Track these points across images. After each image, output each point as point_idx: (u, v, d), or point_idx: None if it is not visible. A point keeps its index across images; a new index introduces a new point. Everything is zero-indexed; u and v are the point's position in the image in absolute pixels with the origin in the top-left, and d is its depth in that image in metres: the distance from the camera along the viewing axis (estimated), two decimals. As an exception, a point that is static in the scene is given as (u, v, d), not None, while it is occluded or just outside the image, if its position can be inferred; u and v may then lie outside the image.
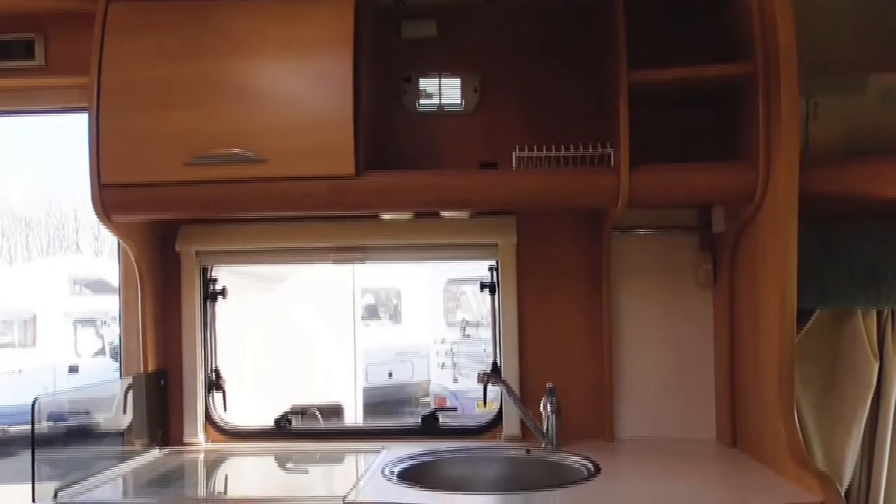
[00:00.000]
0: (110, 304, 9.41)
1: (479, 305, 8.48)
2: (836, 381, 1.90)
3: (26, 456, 1.81)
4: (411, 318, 9.41)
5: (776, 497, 1.63)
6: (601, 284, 2.22)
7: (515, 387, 2.23)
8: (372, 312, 9.13)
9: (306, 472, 2.18)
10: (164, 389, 2.33)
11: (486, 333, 2.32)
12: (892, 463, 1.86)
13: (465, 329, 9.01)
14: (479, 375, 2.21)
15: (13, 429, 8.06)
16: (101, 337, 10.01)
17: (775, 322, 1.78)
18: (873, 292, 1.82)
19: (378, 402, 7.48)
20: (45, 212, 19.35)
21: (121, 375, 2.28)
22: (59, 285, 9.86)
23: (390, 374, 8.42)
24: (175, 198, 1.96)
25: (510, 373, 2.25)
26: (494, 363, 2.30)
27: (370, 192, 1.94)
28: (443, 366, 8.72)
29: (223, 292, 2.40)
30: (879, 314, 1.88)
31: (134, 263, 2.21)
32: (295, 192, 1.93)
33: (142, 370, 2.24)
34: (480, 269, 2.37)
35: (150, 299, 2.26)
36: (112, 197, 1.97)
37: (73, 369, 9.27)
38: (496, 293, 2.31)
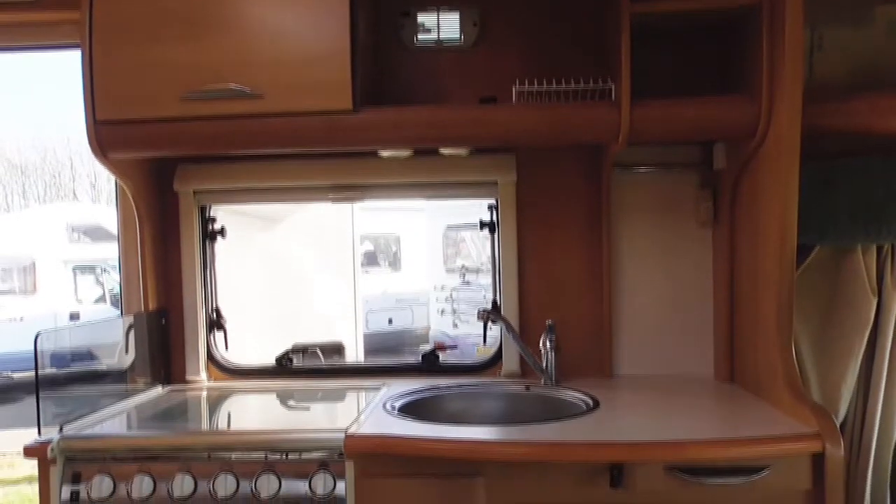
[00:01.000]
0: (109, 252, 9.42)
1: (479, 252, 8.50)
2: (834, 317, 1.90)
3: (30, 402, 1.83)
4: (411, 264, 9.43)
5: (772, 429, 1.65)
6: (601, 222, 2.21)
7: (515, 324, 2.24)
8: (371, 259, 9.15)
9: (308, 408, 2.20)
10: (166, 328, 2.35)
11: (486, 279, 2.34)
12: (887, 397, 1.88)
13: (464, 275, 9.04)
14: (478, 313, 2.22)
15: (16, 375, 8.16)
16: (102, 284, 10.04)
17: (775, 258, 1.78)
18: (874, 228, 1.81)
19: (378, 348, 7.54)
20: (40, 159, 19.24)
21: (122, 314, 2.29)
22: (58, 233, 9.85)
23: (390, 321, 8.47)
24: (171, 134, 1.94)
25: (510, 310, 2.26)
26: (494, 301, 2.31)
27: (368, 127, 1.91)
28: (442, 312, 8.77)
29: (222, 232, 2.40)
30: (879, 250, 1.88)
31: (132, 203, 2.20)
32: (291, 127, 1.91)
33: (142, 309, 2.25)
34: (479, 214, 2.37)
35: (150, 239, 2.26)
36: (107, 133, 1.95)
37: (74, 316, 9.31)
38: (496, 232, 2.30)
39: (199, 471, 1.70)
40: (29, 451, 1.74)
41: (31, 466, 1.88)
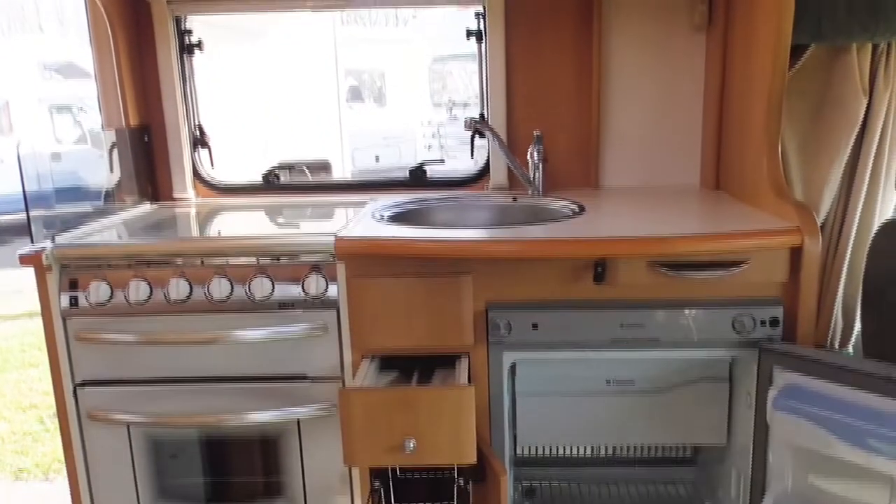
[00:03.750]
0: (84, 90, 9.12)
1: (466, 86, 8.31)
2: (823, 117, 1.89)
3: (19, 244, 1.82)
4: (396, 100, 9.23)
5: (753, 225, 1.69)
6: (592, 27, 2.14)
7: (502, 135, 2.23)
8: (356, 95, 8.94)
9: (297, 222, 2.22)
10: (149, 146, 2.32)
11: (474, 112, 2.27)
12: (867, 199, 1.91)
13: (451, 109, 8.88)
14: (465, 122, 2.20)
15: (2, 217, 8.14)
16: (80, 124, 9.82)
17: (768, 56, 1.75)
18: (871, 24, 1.76)
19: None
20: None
21: (102, 128, 2.24)
22: (29, 71, 9.50)
23: (377, 159, 8.40)
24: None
25: (497, 122, 2.24)
26: (482, 113, 2.27)
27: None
28: (429, 147, 8.70)
29: (199, 45, 2.31)
30: (875, 49, 1.84)
31: (104, 14, 2.10)
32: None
33: (123, 124, 2.20)
34: (468, 47, 2.28)
35: (124, 50, 2.17)
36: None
37: (56, 157, 9.16)
38: (483, 41, 2.23)
39: (193, 276, 1.73)
40: (24, 260, 1.75)
41: (30, 302, 1.90)
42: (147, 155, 2.31)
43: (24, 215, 1.78)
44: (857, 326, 1.91)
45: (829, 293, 1.89)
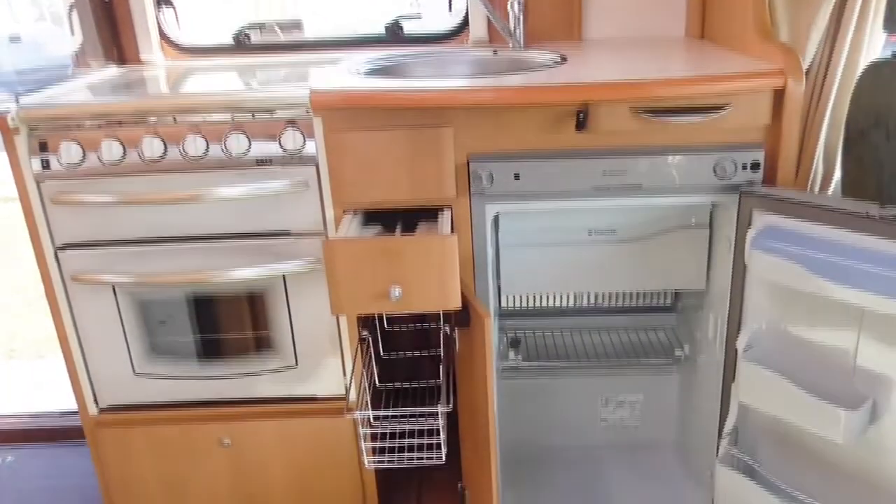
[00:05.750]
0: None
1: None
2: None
3: None
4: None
5: (737, 67, 1.66)
6: None
7: (481, -15, 2.14)
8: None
9: (271, 80, 2.15)
10: (110, 6, 2.21)
11: None
12: (853, 42, 1.87)
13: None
14: (442, -29, 2.11)
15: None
16: (38, 4, 9.36)
17: None
18: None
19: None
20: None
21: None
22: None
23: (351, 16, 8.04)
24: None
25: (475, -30, 2.14)
26: (459, -40, 2.18)
27: None
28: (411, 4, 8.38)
29: None
30: None
31: None
32: None
33: (80, -19, 2.09)
34: None
35: None
36: None
37: (15, 38, 8.80)
38: None
39: (166, 134, 1.69)
40: (-11, 123, 1.70)
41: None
42: (109, 15, 2.20)
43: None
44: (838, 174, 1.92)
45: (810, 138, 1.89)
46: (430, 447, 1.77)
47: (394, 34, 2.27)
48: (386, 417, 1.88)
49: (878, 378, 1.47)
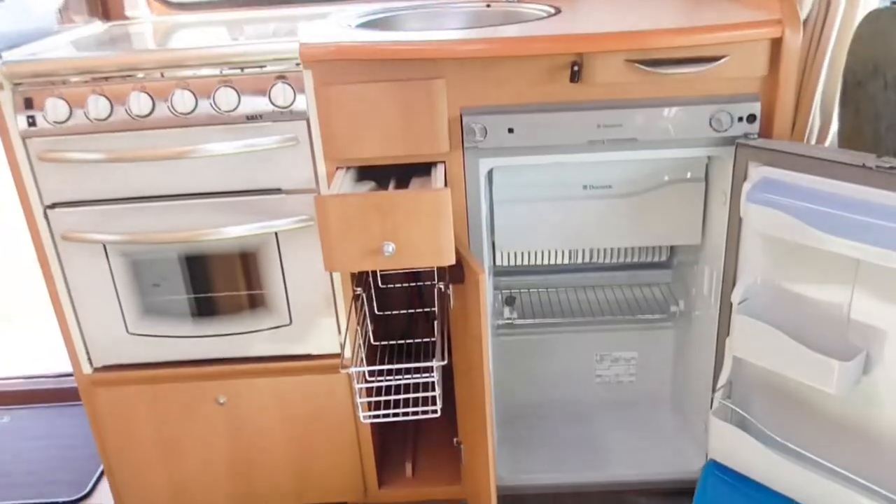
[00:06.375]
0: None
1: None
2: None
3: None
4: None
5: (733, 17, 1.63)
6: None
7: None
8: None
9: (261, 34, 2.11)
10: (93, -41, 2.16)
11: None
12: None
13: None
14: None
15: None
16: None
17: None
18: None
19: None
20: None
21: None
22: None
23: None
24: None
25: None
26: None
27: None
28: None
29: None
30: None
31: None
32: None
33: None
34: None
35: None
36: None
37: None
38: None
39: (154, 90, 1.66)
40: (-29, 79, 1.67)
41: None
42: (93, -31, 2.16)
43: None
44: (835, 126, 1.90)
45: (808, 90, 1.86)
46: (425, 402, 1.78)
47: (385, -12, 2.22)
48: (381, 373, 1.89)
49: (871, 330, 1.48)
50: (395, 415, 1.82)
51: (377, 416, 1.82)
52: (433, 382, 1.74)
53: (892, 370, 1.46)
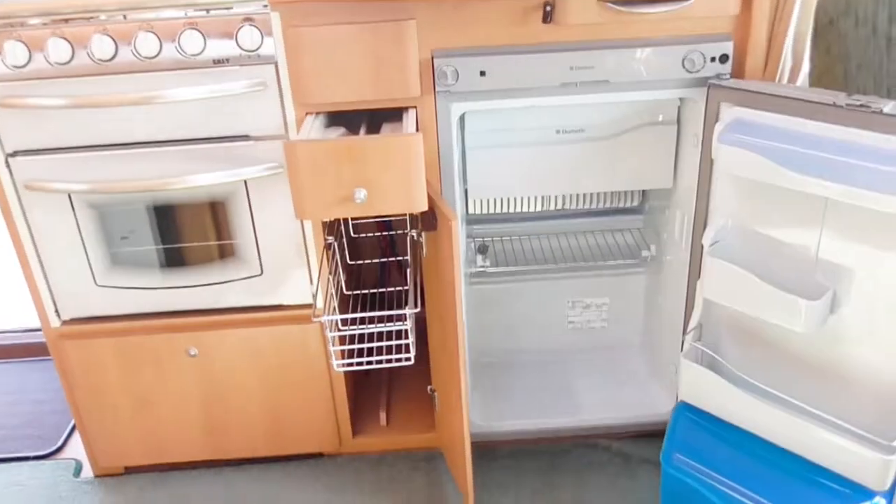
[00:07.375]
0: None
1: None
2: None
3: None
4: None
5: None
6: None
7: None
8: None
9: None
10: None
11: None
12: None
13: None
14: None
15: None
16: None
17: None
18: None
19: None
20: None
21: None
22: None
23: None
24: None
25: None
26: None
27: None
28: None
29: None
30: None
31: None
32: None
33: None
34: None
35: None
36: None
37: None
38: None
39: (116, 32, 1.61)
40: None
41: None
42: None
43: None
44: (806, 67, 1.90)
45: (780, 29, 1.85)
46: (399, 350, 1.78)
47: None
48: (354, 322, 1.89)
49: (838, 268, 1.50)
50: (369, 363, 1.82)
51: (350, 365, 1.82)
52: (406, 330, 1.74)
53: (859, 308, 1.49)
